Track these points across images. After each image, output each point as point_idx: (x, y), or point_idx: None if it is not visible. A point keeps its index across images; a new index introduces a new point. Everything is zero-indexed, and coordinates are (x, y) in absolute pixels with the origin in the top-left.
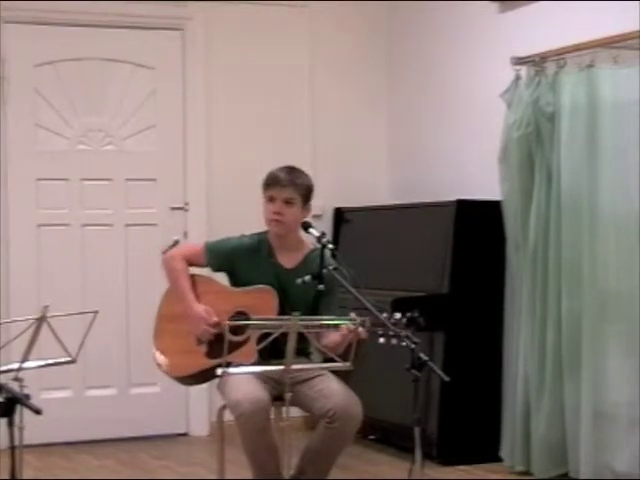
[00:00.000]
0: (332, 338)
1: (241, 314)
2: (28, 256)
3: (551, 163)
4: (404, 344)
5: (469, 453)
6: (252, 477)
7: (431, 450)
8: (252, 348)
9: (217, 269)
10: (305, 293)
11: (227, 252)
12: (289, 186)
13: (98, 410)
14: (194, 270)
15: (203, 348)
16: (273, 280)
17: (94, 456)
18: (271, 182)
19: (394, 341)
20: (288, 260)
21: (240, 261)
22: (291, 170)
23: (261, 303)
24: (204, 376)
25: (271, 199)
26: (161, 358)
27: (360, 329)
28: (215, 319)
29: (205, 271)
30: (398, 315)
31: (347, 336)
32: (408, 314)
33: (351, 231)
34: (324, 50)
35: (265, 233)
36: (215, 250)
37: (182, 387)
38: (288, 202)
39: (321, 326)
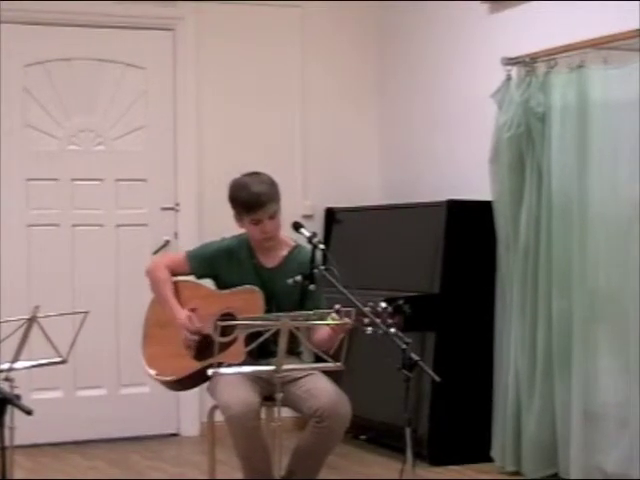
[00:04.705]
0: (320, 335)
1: (228, 315)
2: (18, 256)
3: (542, 163)
4: (392, 331)
5: (460, 453)
6: (243, 478)
7: (422, 450)
8: (240, 348)
9: (201, 275)
10: (289, 292)
11: (209, 257)
12: (270, 202)
13: (88, 410)
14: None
15: (191, 351)
16: (256, 280)
17: (84, 457)
18: (251, 206)
19: (381, 331)
20: (269, 259)
21: (222, 264)
22: (259, 181)
23: (248, 303)
24: (193, 381)
25: (257, 222)
26: (150, 360)
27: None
28: (197, 326)
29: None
30: (384, 304)
31: (338, 331)
32: (393, 303)
33: (342, 231)
34: (315, 50)
35: (245, 235)
36: (197, 256)
37: None
38: (272, 217)
39: (311, 324)
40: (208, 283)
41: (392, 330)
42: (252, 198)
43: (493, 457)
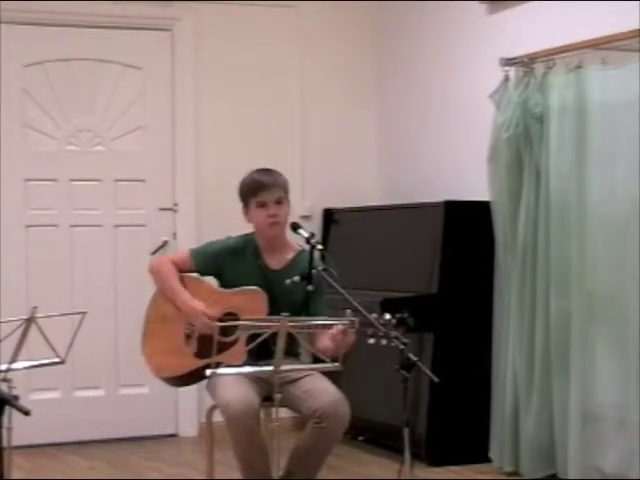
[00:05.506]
0: (325, 343)
1: (230, 315)
2: (17, 257)
3: (540, 163)
4: (394, 344)
5: (458, 454)
6: (241, 478)
7: (420, 451)
8: (241, 349)
9: (205, 273)
10: (293, 294)
11: (214, 255)
12: (276, 186)
13: (87, 411)
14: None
15: (192, 349)
16: (260, 281)
17: (83, 457)
18: (257, 187)
19: (384, 341)
20: (275, 261)
21: (227, 263)
22: (267, 171)
23: (251, 304)
24: (193, 377)
25: (262, 205)
26: (150, 356)
27: (349, 330)
28: (212, 313)
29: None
30: (388, 316)
31: (337, 338)
32: (398, 315)
33: (340, 232)
34: (313, 50)
35: (251, 234)
36: (202, 254)
37: (171, 388)
38: (279, 202)
39: (310, 327)
40: (211, 281)
41: (393, 344)
42: (257, 182)
43: (491, 457)
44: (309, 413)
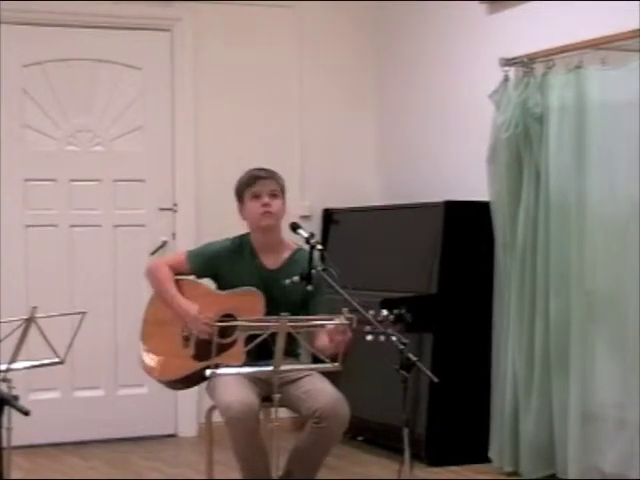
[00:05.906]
0: (323, 341)
1: (228, 316)
2: (16, 257)
3: (539, 164)
4: (394, 339)
5: (458, 454)
6: (241, 478)
7: (420, 451)
8: (240, 350)
9: (202, 275)
10: (290, 294)
11: (210, 257)
12: (270, 179)
13: (86, 411)
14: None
15: (190, 351)
16: (257, 281)
17: (82, 457)
18: (252, 180)
19: (382, 338)
20: (271, 261)
21: (223, 264)
22: (263, 168)
23: (248, 305)
24: (192, 380)
25: (256, 195)
26: (149, 360)
27: (347, 328)
28: (208, 317)
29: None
30: (385, 312)
31: (335, 336)
32: (395, 311)
33: (340, 232)
34: (312, 50)
35: (247, 235)
36: (198, 256)
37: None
38: (273, 194)
39: (309, 326)
40: (208, 283)
41: (393, 338)
42: (252, 175)
43: (491, 457)
44: (309, 413)
